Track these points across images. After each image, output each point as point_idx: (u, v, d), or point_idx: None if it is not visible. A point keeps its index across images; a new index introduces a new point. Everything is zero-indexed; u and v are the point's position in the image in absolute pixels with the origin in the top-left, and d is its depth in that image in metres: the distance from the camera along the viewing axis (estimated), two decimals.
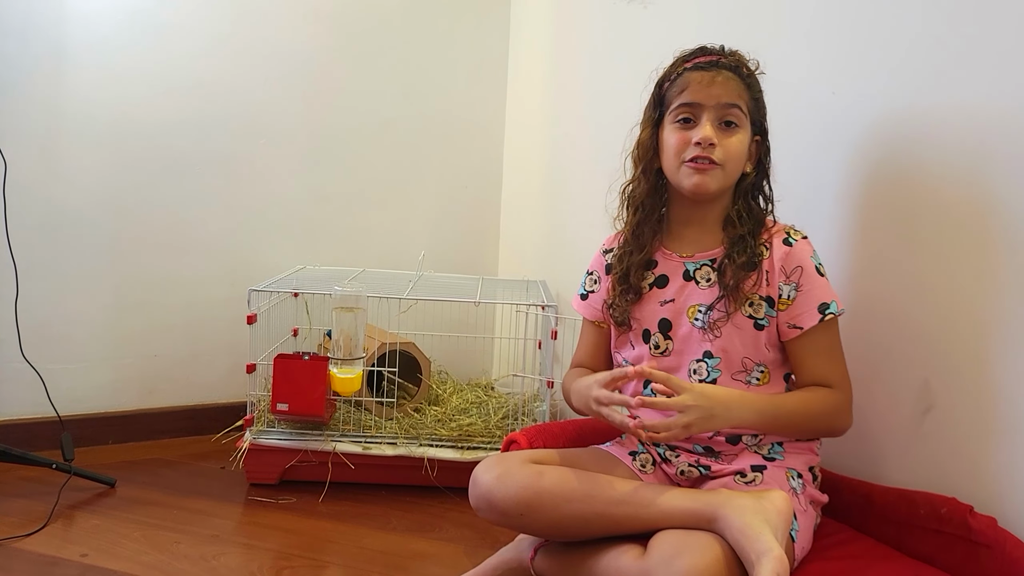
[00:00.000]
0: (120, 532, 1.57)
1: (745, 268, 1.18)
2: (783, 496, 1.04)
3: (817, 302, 1.16)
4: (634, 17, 1.89)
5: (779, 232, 1.20)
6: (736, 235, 1.20)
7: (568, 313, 1.99)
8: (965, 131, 1.14)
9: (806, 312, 1.16)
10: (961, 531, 1.08)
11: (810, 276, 1.17)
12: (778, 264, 1.17)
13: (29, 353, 1.82)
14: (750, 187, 1.23)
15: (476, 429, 1.89)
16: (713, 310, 1.20)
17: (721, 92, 1.16)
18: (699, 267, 1.23)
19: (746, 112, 1.18)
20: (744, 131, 1.19)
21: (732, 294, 1.18)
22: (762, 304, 1.18)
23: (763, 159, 1.23)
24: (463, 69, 2.45)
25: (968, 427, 1.15)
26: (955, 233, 1.16)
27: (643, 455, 1.27)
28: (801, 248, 1.18)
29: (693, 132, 1.17)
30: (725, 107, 1.17)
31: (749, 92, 1.19)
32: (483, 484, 1.15)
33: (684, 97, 1.19)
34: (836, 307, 1.16)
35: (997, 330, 1.10)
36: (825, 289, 1.17)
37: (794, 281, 1.17)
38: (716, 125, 1.17)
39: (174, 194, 2.11)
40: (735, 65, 1.19)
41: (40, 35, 1.91)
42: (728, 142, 1.17)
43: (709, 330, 1.20)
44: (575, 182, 2.16)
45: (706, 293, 1.21)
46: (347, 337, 1.74)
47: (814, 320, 1.16)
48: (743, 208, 1.21)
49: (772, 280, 1.18)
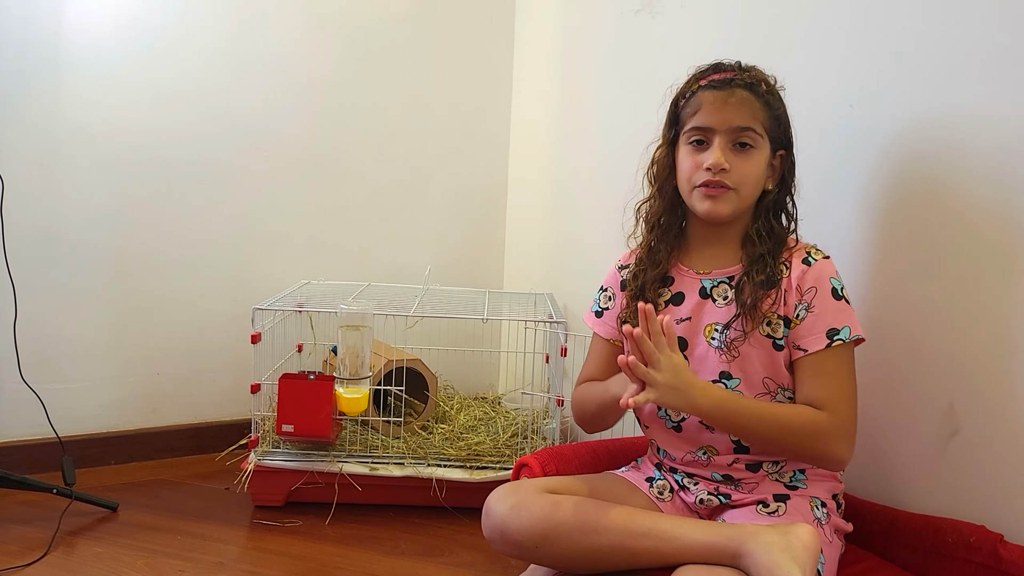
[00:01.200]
0: (122, 560, 1.53)
1: (763, 286, 1.14)
2: (810, 530, 1.00)
3: (827, 326, 1.11)
4: (642, 27, 1.86)
5: (800, 251, 1.16)
6: (756, 254, 1.16)
7: (576, 329, 1.96)
8: (991, 145, 1.11)
9: (813, 335, 1.12)
10: (991, 560, 1.05)
11: (823, 297, 1.12)
12: (795, 283, 1.14)
13: (28, 374, 1.78)
14: (772, 204, 1.19)
15: (485, 448, 1.85)
16: (730, 329, 1.16)
17: (733, 115, 1.13)
18: (716, 284, 1.20)
19: (763, 131, 1.14)
20: (761, 151, 1.15)
21: (749, 313, 1.14)
22: (780, 324, 1.14)
23: (787, 175, 1.19)
24: (467, 80, 2.42)
25: (996, 451, 1.12)
26: (980, 251, 1.13)
27: (660, 482, 1.24)
28: (820, 268, 1.14)
29: (704, 156, 1.14)
30: (738, 130, 1.13)
31: (767, 110, 1.15)
32: (497, 515, 1.12)
33: (696, 120, 1.15)
34: (849, 334, 1.10)
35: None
36: (839, 313, 1.11)
37: (807, 301, 1.13)
38: (730, 147, 1.13)
39: (175, 209, 2.08)
40: (751, 82, 1.15)
41: (37, 49, 1.88)
42: (742, 165, 1.13)
43: (727, 350, 1.16)
44: (582, 193, 2.13)
45: (723, 311, 1.18)
46: (353, 356, 1.70)
47: (820, 344, 1.11)
48: (763, 226, 1.17)
49: (789, 300, 1.14)
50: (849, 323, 1.11)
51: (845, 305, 1.13)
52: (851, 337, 1.11)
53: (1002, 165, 1.10)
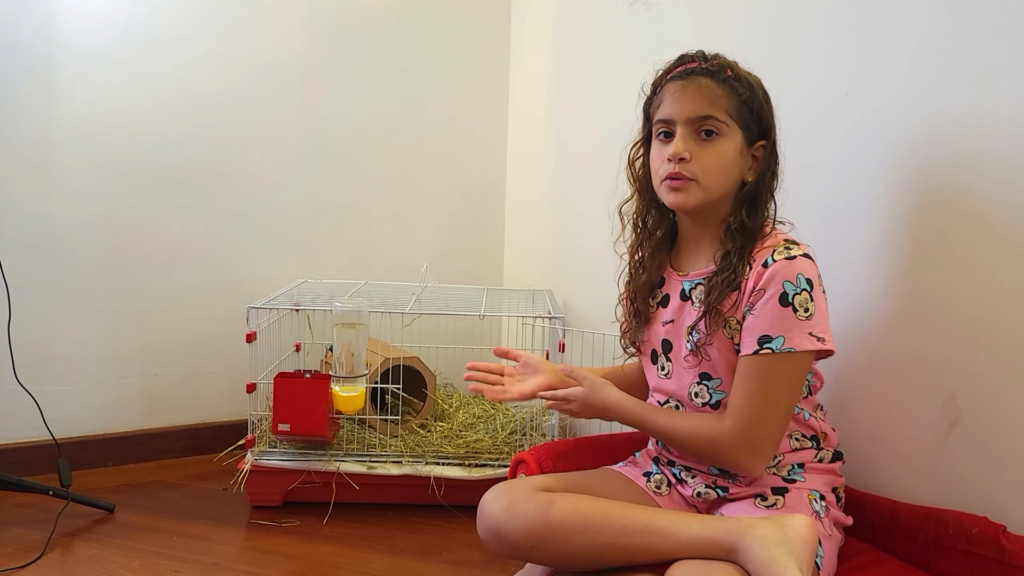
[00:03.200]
0: (118, 562, 1.52)
1: (726, 286, 1.10)
2: (807, 522, 0.98)
3: (760, 332, 1.05)
4: (637, 20, 1.84)
5: (767, 249, 1.10)
6: (724, 251, 1.12)
7: (575, 324, 1.94)
8: (996, 134, 1.09)
9: (748, 338, 1.07)
10: (993, 552, 1.04)
11: (768, 301, 1.05)
12: (751, 286, 1.08)
13: (23, 375, 1.77)
14: (746, 197, 1.14)
15: (483, 446, 1.84)
16: (695, 331, 1.14)
17: (693, 104, 1.10)
18: (694, 286, 1.17)
19: (728, 118, 1.10)
20: (728, 139, 1.11)
21: (712, 314, 1.11)
22: (739, 327, 1.10)
23: (768, 166, 1.14)
24: (464, 75, 2.41)
25: (997, 442, 1.10)
26: (981, 241, 1.11)
27: (657, 476, 1.23)
28: (776, 270, 1.06)
29: (667, 148, 1.12)
30: (699, 119, 1.10)
31: (732, 96, 1.11)
32: (491, 516, 1.10)
33: (661, 112, 1.14)
34: (781, 344, 1.04)
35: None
36: (777, 321, 1.04)
37: (753, 302, 1.08)
38: (693, 137, 1.11)
39: (170, 209, 2.07)
40: (713, 70, 1.12)
41: (29, 49, 1.87)
42: (704, 155, 1.10)
43: (698, 352, 1.14)
44: (580, 188, 2.12)
45: (696, 314, 1.15)
46: (349, 354, 1.69)
47: (749, 349, 1.07)
48: (735, 221, 1.13)
49: (743, 302, 1.09)
50: (786, 333, 1.04)
51: (789, 313, 1.04)
52: (782, 348, 1.04)
53: (1005, 154, 1.08)
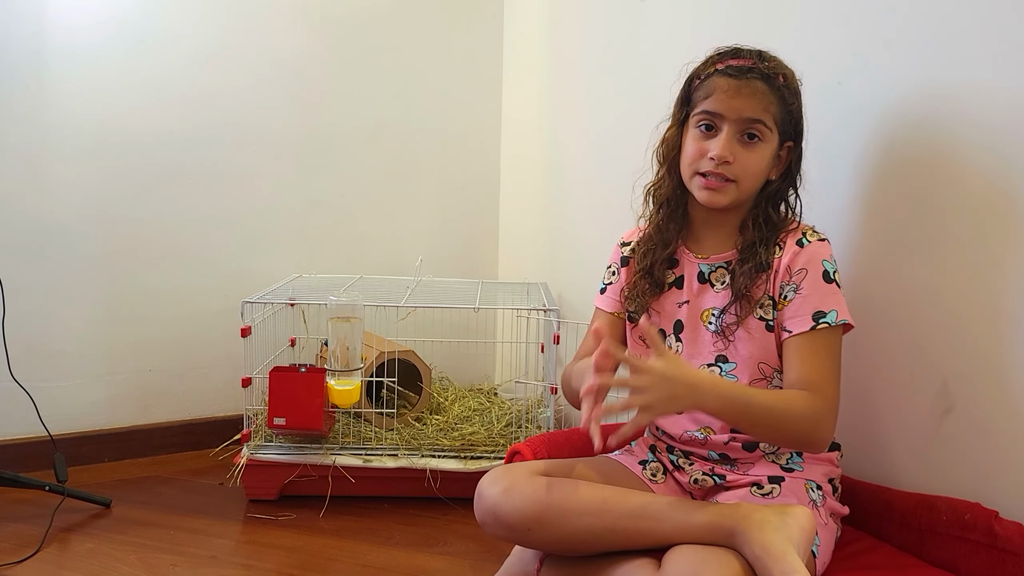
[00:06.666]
0: (115, 556, 1.52)
1: (755, 271, 1.14)
2: (807, 513, 0.99)
3: (813, 308, 1.09)
4: (631, 11, 1.84)
5: (796, 232, 1.15)
6: (748, 241, 1.15)
7: (570, 316, 1.95)
8: (985, 118, 1.09)
9: (799, 316, 1.10)
10: (986, 538, 1.04)
11: (813, 280, 1.11)
12: (786, 263, 1.13)
13: (18, 372, 1.77)
14: (772, 194, 1.17)
15: (479, 438, 1.84)
16: (726, 314, 1.16)
17: (745, 106, 1.11)
18: (714, 269, 1.19)
19: (773, 125, 1.12)
20: (768, 144, 1.13)
21: (744, 299, 1.14)
22: (770, 305, 1.14)
23: (792, 166, 1.18)
24: (457, 70, 2.40)
25: (990, 429, 1.11)
26: (973, 229, 1.12)
27: (653, 464, 1.23)
28: (813, 250, 1.13)
29: (710, 144, 1.13)
30: (748, 122, 1.11)
31: (781, 104, 1.12)
32: (488, 498, 1.10)
33: (708, 104, 1.13)
34: (835, 317, 1.09)
35: (1018, 328, 1.06)
36: (827, 296, 1.10)
37: (796, 282, 1.12)
38: (737, 138, 1.12)
39: (164, 205, 2.06)
40: (768, 74, 1.12)
41: (20, 45, 1.86)
42: (746, 158, 1.12)
43: (723, 335, 1.16)
44: (575, 181, 2.12)
45: (720, 296, 1.17)
46: (344, 348, 1.69)
47: (805, 326, 1.09)
48: (760, 215, 1.16)
49: (777, 280, 1.13)
50: (837, 307, 1.10)
51: (835, 289, 1.11)
52: (837, 321, 1.09)
53: (996, 145, 1.08)
